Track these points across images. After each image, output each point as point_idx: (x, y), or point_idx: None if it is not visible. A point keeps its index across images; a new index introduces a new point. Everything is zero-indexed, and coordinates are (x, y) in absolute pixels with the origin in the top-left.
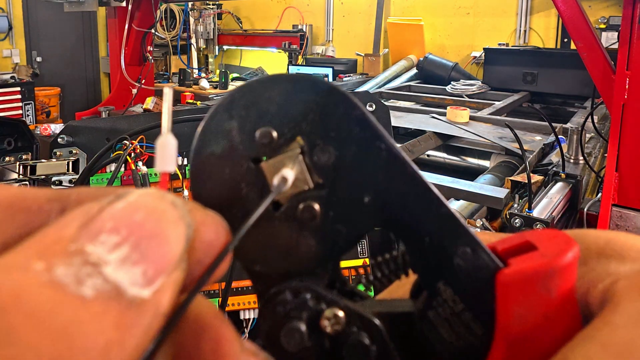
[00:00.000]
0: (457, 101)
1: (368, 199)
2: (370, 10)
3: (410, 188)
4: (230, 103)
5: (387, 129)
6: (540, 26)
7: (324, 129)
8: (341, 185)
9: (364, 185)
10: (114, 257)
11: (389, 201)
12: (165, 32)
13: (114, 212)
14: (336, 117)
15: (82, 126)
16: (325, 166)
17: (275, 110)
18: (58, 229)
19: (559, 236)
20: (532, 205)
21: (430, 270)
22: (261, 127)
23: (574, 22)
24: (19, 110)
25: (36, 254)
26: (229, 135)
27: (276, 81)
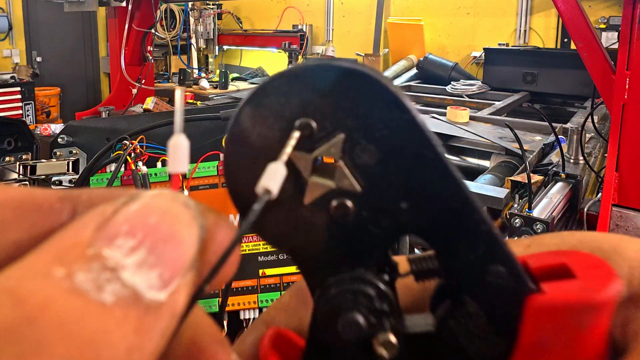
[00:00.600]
0: (457, 101)
1: (405, 206)
2: (370, 10)
3: (452, 201)
4: (272, 87)
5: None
6: (540, 26)
7: (369, 128)
8: (379, 188)
9: (403, 191)
10: (131, 261)
11: (428, 211)
12: (165, 32)
13: (129, 215)
14: (385, 118)
15: (82, 126)
16: (364, 166)
17: (318, 101)
18: (74, 232)
19: (601, 266)
20: (532, 205)
21: (458, 283)
22: (301, 117)
23: (574, 22)
24: (19, 110)
25: (55, 259)
26: (266, 122)
27: (325, 69)
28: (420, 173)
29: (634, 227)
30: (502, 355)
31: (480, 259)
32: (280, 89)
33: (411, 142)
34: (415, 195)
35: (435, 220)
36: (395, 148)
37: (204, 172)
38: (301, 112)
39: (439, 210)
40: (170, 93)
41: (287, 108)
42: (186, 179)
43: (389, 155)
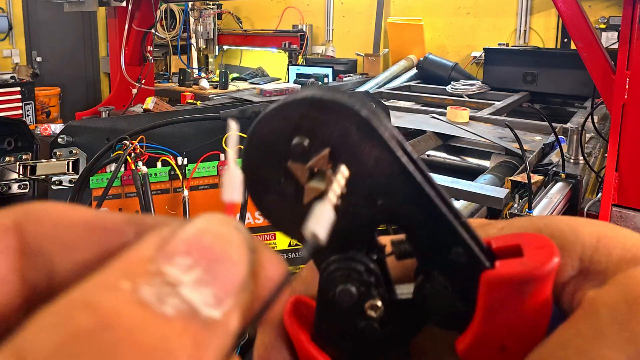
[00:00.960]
0: (457, 101)
1: (380, 202)
2: (370, 10)
3: (416, 198)
4: (271, 114)
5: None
6: (540, 26)
7: (346, 143)
8: (359, 189)
9: (377, 191)
10: (189, 279)
11: (397, 207)
12: (165, 32)
13: (186, 236)
14: (357, 138)
15: (82, 126)
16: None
17: (307, 124)
18: (138, 251)
19: (546, 246)
20: (532, 205)
21: (427, 261)
22: (296, 135)
23: (574, 22)
24: (19, 110)
25: (122, 274)
26: (273, 135)
27: (311, 100)
28: (386, 176)
29: (634, 227)
30: (465, 317)
31: (443, 243)
32: (278, 115)
33: (379, 155)
34: (386, 193)
35: (404, 214)
36: (367, 160)
37: (204, 172)
38: (296, 131)
39: (407, 206)
40: (170, 93)
41: (286, 128)
42: (186, 178)
43: (362, 164)
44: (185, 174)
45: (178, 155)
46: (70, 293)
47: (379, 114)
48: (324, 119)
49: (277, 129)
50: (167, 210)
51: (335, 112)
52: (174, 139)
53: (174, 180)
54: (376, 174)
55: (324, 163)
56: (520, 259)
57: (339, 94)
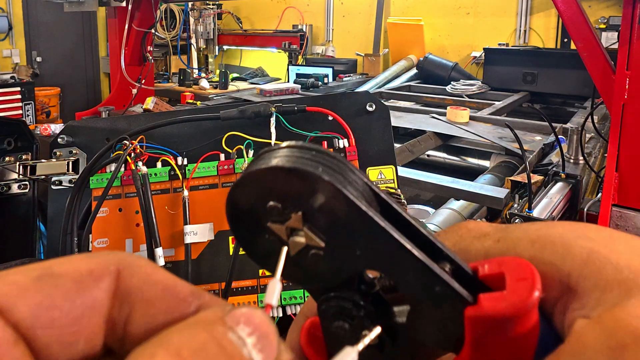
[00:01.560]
0: (457, 101)
1: (359, 252)
2: (370, 10)
3: (389, 247)
4: (249, 180)
5: (387, 129)
6: (540, 26)
7: (315, 206)
8: (337, 242)
9: (355, 243)
10: (250, 341)
11: (374, 254)
12: (165, 32)
13: (242, 314)
14: (323, 200)
15: (82, 126)
16: (323, 228)
17: (277, 190)
18: (215, 312)
19: (528, 278)
20: (532, 205)
21: (413, 296)
22: (270, 201)
23: (574, 22)
24: (19, 110)
25: (212, 322)
26: (248, 201)
27: (273, 170)
28: (357, 230)
29: (634, 227)
30: (459, 340)
31: (424, 283)
32: (250, 184)
33: (343, 209)
34: (361, 245)
35: (382, 261)
36: (334, 215)
37: (204, 172)
38: (269, 197)
39: (382, 255)
40: (170, 93)
41: (259, 194)
42: (186, 179)
43: (333, 220)
44: (185, 174)
45: (178, 155)
46: (167, 336)
47: (342, 167)
48: (291, 186)
49: (251, 195)
50: (167, 210)
51: (300, 179)
52: (174, 139)
53: (174, 180)
54: (349, 229)
55: (299, 223)
56: (502, 294)
57: (304, 158)
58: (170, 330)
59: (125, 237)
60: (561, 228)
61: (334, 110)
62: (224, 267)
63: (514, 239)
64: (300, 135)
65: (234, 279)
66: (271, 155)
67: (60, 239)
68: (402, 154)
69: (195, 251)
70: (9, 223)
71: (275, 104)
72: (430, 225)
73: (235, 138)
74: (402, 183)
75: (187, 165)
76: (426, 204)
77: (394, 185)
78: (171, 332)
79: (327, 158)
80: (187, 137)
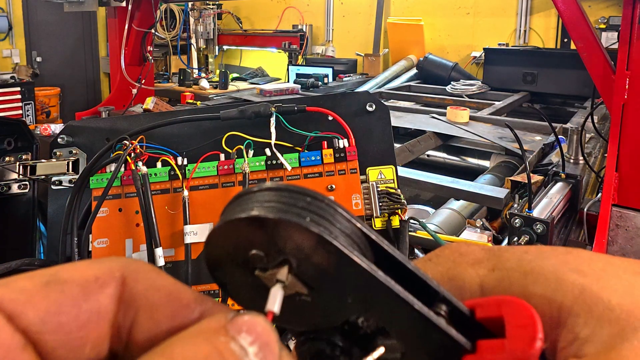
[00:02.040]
0: (457, 101)
1: (351, 300)
2: (370, 10)
3: (387, 297)
4: (229, 229)
5: (387, 129)
6: (540, 26)
7: (299, 255)
8: (327, 292)
9: (345, 291)
10: (252, 350)
11: (367, 301)
12: (165, 32)
13: (244, 321)
14: (316, 252)
15: (82, 126)
16: (311, 276)
17: (262, 241)
18: (217, 320)
19: (529, 325)
20: (532, 205)
21: (412, 344)
22: (252, 249)
23: (574, 22)
24: (19, 110)
25: (214, 331)
26: (229, 249)
27: (261, 223)
28: (348, 279)
29: (634, 227)
30: None
31: (420, 331)
32: (229, 232)
33: (332, 258)
34: (352, 293)
35: (377, 311)
36: (326, 268)
37: (203, 172)
38: (251, 246)
39: (379, 305)
40: (170, 93)
41: (240, 243)
42: (186, 178)
43: (324, 272)
44: (185, 174)
45: (178, 155)
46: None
47: (330, 212)
48: (275, 237)
49: (230, 244)
50: (167, 210)
51: (285, 230)
52: (174, 139)
53: (173, 180)
54: (340, 279)
55: (285, 274)
56: (502, 343)
57: (288, 204)
58: (172, 341)
59: (125, 237)
60: (554, 259)
61: (334, 110)
62: None
63: (508, 269)
64: (300, 135)
65: None
66: (252, 200)
67: (60, 239)
68: (402, 154)
69: (195, 251)
70: (9, 223)
71: (275, 104)
72: (430, 225)
73: (235, 138)
74: (402, 183)
75: (187, 165)
76: (426, 204)
77: (394, 185)
78: (173, 343)
79: (313, 202)
80: (187, 137)
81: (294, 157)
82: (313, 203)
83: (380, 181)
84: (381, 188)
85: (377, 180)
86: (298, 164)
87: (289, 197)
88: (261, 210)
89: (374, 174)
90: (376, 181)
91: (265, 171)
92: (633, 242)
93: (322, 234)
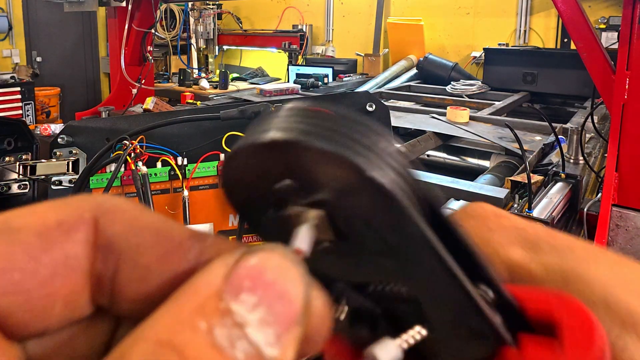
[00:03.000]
0: (457, 101)
1: (390, 265)
2: (370, 10)
3: (433, 268)
4: (256, 150)
5: (387, 129)
6: (540, 26)
7: (348, 201)
8: (360, 244)
9: (384, 251)
10: (254, 318)
11: (409, 269)
12: (165, 32)
13: (249, 269)
14: (365, 198)
15: (82, 126)
16: (345, 226)
17: (300, 173)
18: (207, 283)
19: (589, 330)
20: (532, 206)
21: (443, 327)
22: (282, 178)
23: (574, 22)
24: (19, 110)
25: (197, 311)
26: (253, 176)
27: (303, 149)
28: (393, 238)
29: (633, 227)
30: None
31: (459, 316)
32: (258, 154)
33: (385, 216)
34: (394, 255)
35: (415, 280)
36: (368, 216)
37: (204, 172)
38: (283, 174)
39: (419, 273)
40: (170, 93)
41: (271, 167)
42: (186, 178)
43: (366, 221)
44: (185, 174)
45: (178, 155)
46: (154, 329)
47: (380, 147)
48: (317, 170)
49: (255, 169)
50: (167, 210)
51: (332, 164)
52: (174, 139)
53: (173, 180)
54: (382, 233)
55: (318, 215)
56: (551, 342)
57: (332, 130)
58: (133, 341)
59: None
60: (605, 269)
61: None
62: None
63: (547, 262)
64: None
65: None
66: (291, 119)
67: None
68: None
69: None
70: None
71: (275, 104)
72: None
73: (235, 138)
74: None
75: (187, 165)
76: None
77: None
78: (132, 346)
79: (360, 130)
80: (187, 137)
81: None
82: (362, 131)
83: None
84: None
85: None
86: None
87: (334, 123)
88: (304, 136)
89: None
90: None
91: None
92: (633, 242)
93: (379, 180)
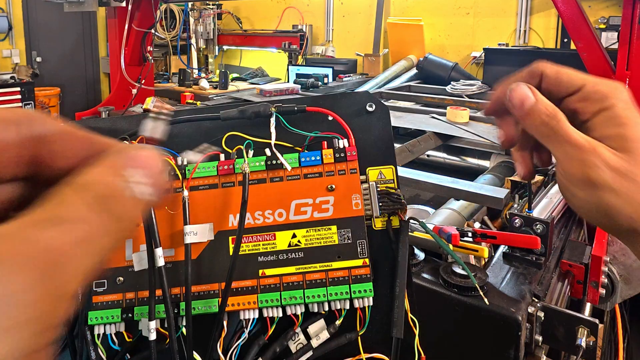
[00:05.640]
0: (457, 101)
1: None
2: (370, 10)
3: None
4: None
5: (387, 129)
6: (540, 26)
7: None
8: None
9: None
10: (143, 180)
11: None
12: (165, 32)
13: (137, 155)
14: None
15: (82, 126)
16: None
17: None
18: (118, 157)
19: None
20: (532, 205)
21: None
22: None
23: (574, 22)
24: None
25: (116, 168)
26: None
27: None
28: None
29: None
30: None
31: None
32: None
33: None
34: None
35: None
36: None
37: (204, 172)
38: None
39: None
40: (170, 93)
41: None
42: (186, 179)
43: None
44: (185, 174)
45: (178, 155)
46: (96, 169)
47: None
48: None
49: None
50: (167, 210)
51: None
52: (174, 139)
53: (173, 180)
54: None
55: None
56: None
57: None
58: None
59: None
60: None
61: (334, 110)
62: (224, 267)
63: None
64: (300, 135)
65: (233, 279)
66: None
67: None
68: (402, 154)
69: (195, 251)
70: None
71: (275, 104)
72: (430, 225)
73: (235, 138)
74: (402, 183)
75: (187, 165)
76: (426, 204)
77: (394, 185)
78: (86, 172)
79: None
80: (187, 137)
81: (294, 157)
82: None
83: (380, 181)
84: (381, 188)
85: (377, 181)
86: (298, 164)
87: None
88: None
89: (374, 174)
90: (376, 181)
91: (265, 171)
92: None
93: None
